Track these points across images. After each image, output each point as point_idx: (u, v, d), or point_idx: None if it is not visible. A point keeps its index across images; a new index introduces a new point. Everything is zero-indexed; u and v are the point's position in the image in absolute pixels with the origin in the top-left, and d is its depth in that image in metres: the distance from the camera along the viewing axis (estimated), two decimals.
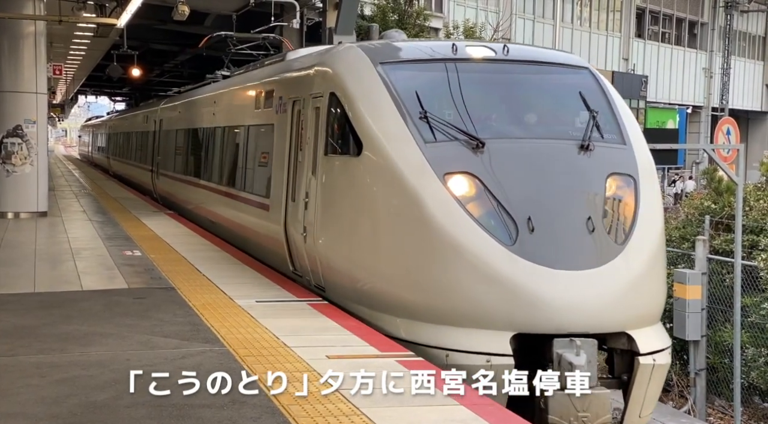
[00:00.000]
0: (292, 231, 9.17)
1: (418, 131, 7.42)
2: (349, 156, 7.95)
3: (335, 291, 8.17)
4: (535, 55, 9.07)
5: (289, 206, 9.37)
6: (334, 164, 8.27)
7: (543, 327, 6.63)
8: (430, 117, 7.51)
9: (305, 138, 9.02)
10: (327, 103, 8.43)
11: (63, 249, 12.31)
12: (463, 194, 7.06)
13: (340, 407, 5.08)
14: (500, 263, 6.72)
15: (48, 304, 8.42)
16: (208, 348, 6.61)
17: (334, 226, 8.18)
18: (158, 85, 42.85)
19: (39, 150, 16.68)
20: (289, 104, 9.72)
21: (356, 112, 7.89)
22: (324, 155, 8.42)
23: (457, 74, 7.97)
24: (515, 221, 6.88)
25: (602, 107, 8.09)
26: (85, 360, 6.29)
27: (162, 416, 4.98)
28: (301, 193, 8.89)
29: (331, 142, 8.34)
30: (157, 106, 21.98)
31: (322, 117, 8.55)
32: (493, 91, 8.25)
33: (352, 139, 7.87)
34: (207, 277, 9.77)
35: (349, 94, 8.06)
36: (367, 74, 8.06)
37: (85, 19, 18.40)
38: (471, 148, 7.32)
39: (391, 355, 6.43)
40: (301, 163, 9.08)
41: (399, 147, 7.41)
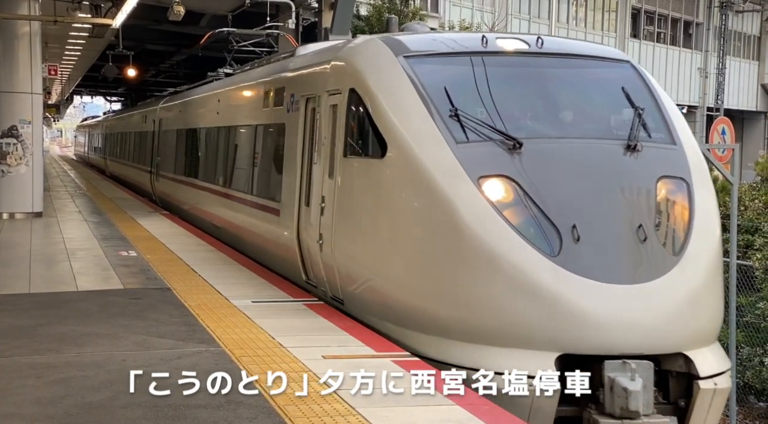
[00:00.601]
0: (305, 238, 8.61)
1: (449, 131, 6.83)
2: (371, 158, 7.38)
3: (356, 304, 7.59)
4: (571, 48, 8.40)
5: (302, 211, 8.82)
6: (355, 166, 7.68)
7: (592, 347, 5.99)
8: (462, 115, 6.91)
9: (320, 138, 8.47)
10: (346, 100, 7.84)
11: (58, 250, 12.30)
12: (500, 200, 6.48)
13: (336, 407, 5.08)
14: (543, 276, 6.10)
15: (43, 304, 8.41)
16: (203, 349, 6.61)
17: (355, 233, 7.60)
18: (154, 86, 42.80)
19: (34, 150, 16.68)
20: (302, 102, 9.18)
21: (379, 109, 7.29)
22: (343, 157, 7.82)
23: (489, 68, 7.37)
24: (558, 230, 6.28)
25: (647, 104, 7.45)
26: (80, 361, 6.28)
27: (158, 417, 4.98)
28: (317, 197, 8.34)
29: (350, 143, 7.76)
30: (156, 106, 21.49)
31: (340, 115, 7.98)
32: (528, 87, 7.62)
33: (374, 139, 7.31)
34: (203, 277, 9.76)
35: (371, 90, 7.46)
36: (390, 68, 7.45)
37: (81, 20, 18.38)
38: (507, 149, 6.71)
39: (387, 355, 6.42)
40: (316, 165, 8.51)
41: (428, 148, 6.82)
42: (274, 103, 10.51)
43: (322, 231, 8.06)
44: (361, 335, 7.04)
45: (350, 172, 7.73)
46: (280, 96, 10.16)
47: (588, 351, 5.99)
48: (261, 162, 11.12)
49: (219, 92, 14.66)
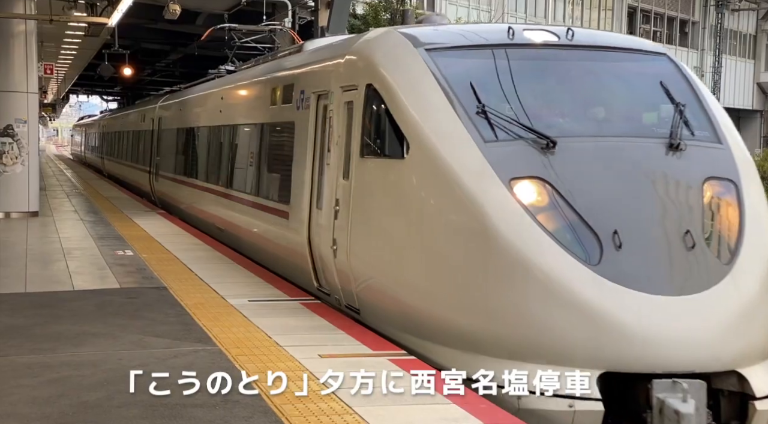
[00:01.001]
0: (318, 243, 8.14)
1: (476, 129, 6.35)
2: (391, 158, 6.91)
3: (374, 314, 7.14)
4: (604, 40, 7.87)
5: (313, 214, 8.37)
6: (373, 167, 7.19)
7: (638, 365, 5.51)
8: (490, 112, 6.44)
9: (334, 137, 7.99)
10: (363, 96, 7.36)
11: (54, 249, 12.28)
12: (534, 203, 5.99)
13: (332, 406, 5.08)
14: (582, 287, 5.62)
15: (39, 304, 8.39)
16: (200, 348, 6.60)
17: (373, 239, 7.07)
18: (150, 85, 42.78)
19: (30, 150, 16.66)
20: (313, 99, 8.69)
21: (400, 106, 6.82)
22: (359, 157, 7.34)
23: (516, 62, 6.95)
24: (598, 236, 5.80)
25: (688, 99, 6.94)
26: (76, 360, 6.27)
27: (154, 416, 4.97)
28: (330, 200, 7.86)
29: (368, 142, 7.28)
30: (155, 104, 20.99)
31: (356, 113, 7.49)
32: (560, 82, 7.13)
33: (395, 138, 6.83)
34: (199, 276, 9.75)
35: (391, 85, 6.98)
36: (411, 62, 6.97)
37: (76, 18, 18.34)
38: (540, 148, 6.24)
39: (383, 354, 6.42)
40: (330, 165, 8.02)
41: (454, 147, 6.34)
42: (282, 101, 10.04)
43: (336, 236, 7.60)
44: (358, 334, 7.04)
45: (367, 174, 7.25)
46: (289, 93, 9.70)
47: (634, 369, 5.52)
48: (268, 162, 10.63)
49: (222, 90, 14.18)
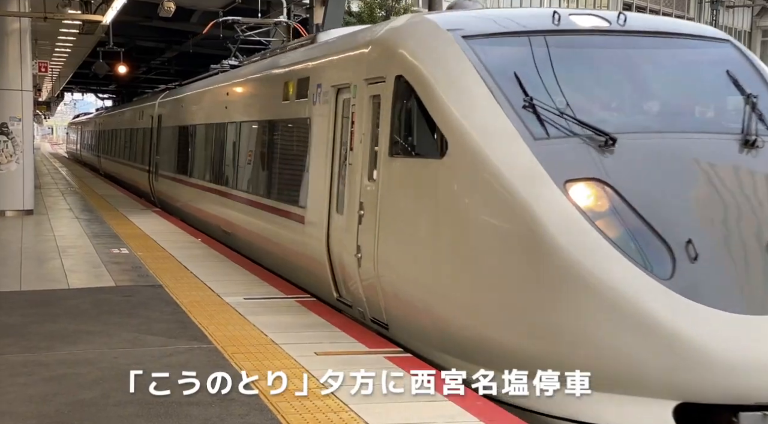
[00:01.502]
0: (338, 250, 7.55)
1: (524, 124, 5.73)
2: (426, 157, 6.27)
3: (406, 330, 6.53)
4: (660, 26, 7.12)
5: (332, 219, 7.77)
6: (405, 168, 6.56)
7: (720, 395, 4.91)
8: (539, 105, 5.81)
9: (357, 134, 7.35)
10: (392, 89, 6.72)
11: (49, 247, 12.26)
12: (593, 208, 5.36)
13: (328, 403, 5.08)
14: (654, 304, 4.98)
15: (34, 302, 8.38)
16: (196, 346, 6.60)
17: (406, 246, 6.43)
18: (145, 82, 42.73)
19: (25, 148, 16.63)
20: (332, 93, 8.05)
21: (436, 100, 6.17)
22: (388, 156, 6.70)
23: (565, 50, 6.37)
24: (669, 246, 5.15)
25: (760, 90, 6.27)
26: (72, 358, 6.27)
27: (150, 414, 4.97)
28: (353, 203, 7.25)
29: (398, 140, 6.64)
30: (154, 101, 20.34)
31: (384, 107, 6.85)
32: (615, 72, 6.53)
33: (431, 135, 6.21)
34: (195, 274, 9.74)
35: (425, 77, 6.32)
36: (447, 51, 6.32)
37: (71, 16, 18.32)
38: (597, 146, 5.60)
39: (379, 351, 6.42)
40: (352, 166, 7.39)
41: (499, 145, 5.71)
42: (296, 96, 9.34)
43: (360, 243, 6.99)
44: (354, 332, 7.04)
45: (398, 175, 6.63)
46: (304, 87, 9.01)
47: (716, 400, 4.91)
48: (280, 161, 9.99)
49: (227, 85, 13.41)
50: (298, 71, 9.51)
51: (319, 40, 10.06)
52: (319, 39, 10.10)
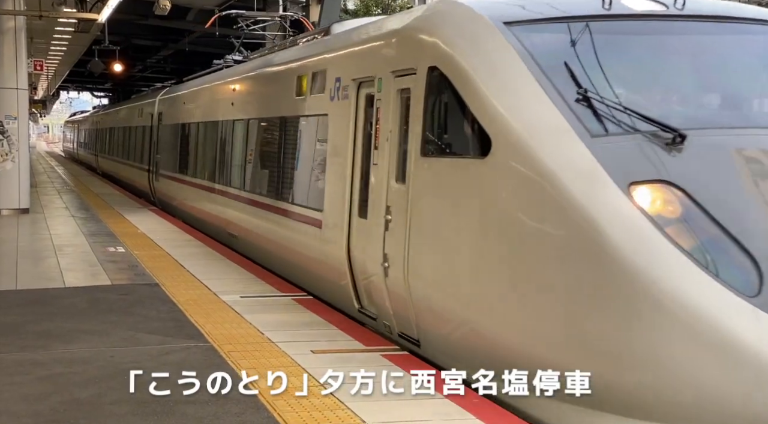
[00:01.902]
0: (361, 258, 7.02)
1: (579, 120, 5.11)
2: (467, 157, 5.70)
3: (440, 349, 5.93)
4: (722, 10, 6.34)
5: (354, 224, 7.24)
6: (440, 169, 5.95)
7: None
8: (594, 99, 5.22)
9: (383, 132, 6.78)
10: (424, 82, 6.11)
11: (45, 246, 12.24)
12: (663, 214, 4.72)
13: (324, 401, 5.07)
14: (739, 325, 4.35)
15: (30, 301, 8.37)
16: (192, 344, 6.59)
17: (443, 256, 5.82)
18: (141, 81, 42.65)
19: (20, 146, 16.61)
20: (353, 88, 7.47)
21: (477, 93, 5.56)
22: (420, 156, 6.11)
23: (620, 37, 5.81)
24: (754, 258, 4.53)
25: None
26: (68, 357, 6.25)
27: (146, 413, 4.96)
28: (378, 207, 6.69)
29: (431, 138, 6.09)
30: (155, 98, 19.70)
31: (415, 102, 6.28)
32: (677, 61, 5.88)
33: (472, 132, 5.65)
34: (191, 273, 9.73)
35: (464, 68, 5.70)
36: (488, 39, 5.73)
37: (66, 14, 18.28)
38: (664, 144, 4.97)
39: (376, 349, 6.42)
40: (377, 166, 6.81)
41: (552, 143, 5.09)
42: (311, 91, 8.75)
43: (388, 251, 6.46)
44: (351, 330, 7.03)
45: (433, 176, 6.02)
46: (320, 81, 8.42)
47: None
48: (293, 161, 9.34)
49: (234, 80, 12.74)
50: (314, 64, 8.87)
51: (333, 31, 9.48)
52: (333, 31, 9.53)
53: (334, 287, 7.68)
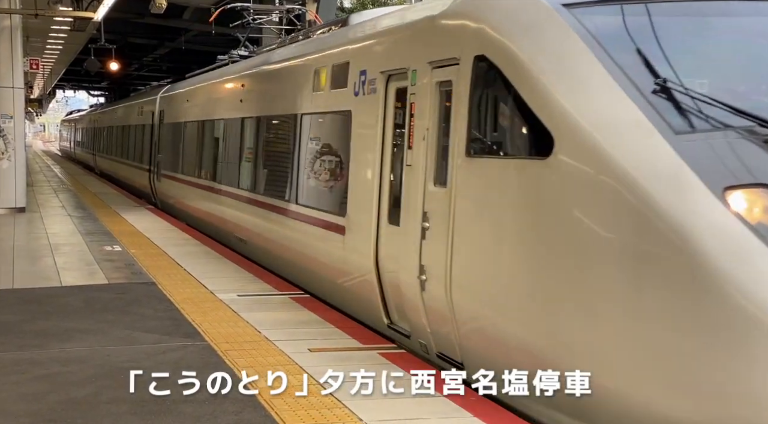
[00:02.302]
0: (392, 268, 6.44)
1: (659, 114, 4.45)
2: (524, 157, 5.06)
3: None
4: None
5: (383, 231, 6.68)
6: (490, 171, 5.31)
7: None
8: (675, 89, 4.56)
9: (418, 130, 6.16)
10: (470, 73, 5.49)
11: (42, 245, 12.22)
12: (766, 223, 4.09)
13: (322, 400, 5.06)
14: None
15: (27, 300, 8.35)
16: (189, 343, 6.58)
17: (495, 269, 5.16)
18: (137, 79, 42.59)
19: (16, 145, 16.59)
20: (381, 81, 6.90)
21: (535, 84, 4.92)
22: (465, 156, 5.46)
23: (699, 20, 5.15)
24: None
25: None
26: (64, 356, 6.24)
27: (143, 412, 4.95)
28: (414, 213, 6.08)
29: (478, 136, 5.48)
30: (155, 96, 19.14)
31: (458, 96, 5.63)
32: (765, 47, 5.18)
33: (530, 129, 5.03)
34: (188, 271, 9.72)
35: (518, 56, 5.07)
36: (545, 23, 5.11)
37: (62, 13, 18.26)
38: (762, 141, 4.34)
39: (373, 347, 6.42)
40: (412, 167, 6.21)
41: (628, 141, 4.43)
42: (331, 85, 8.15)
43: (425, 262, 5.89)
44: (348, 328, 7.03)
45: (481, 179, 5.38)
46: (342, 75, 7.81)
47: None
48: (310, 162, 8.72)
49: (243, 76, 12.09)
50: (334, 56, 8.22)
51: (352, 22, 8.86)
52: (352, 21, 8.90)
53: (359, 299, 7.15)
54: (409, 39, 6.62)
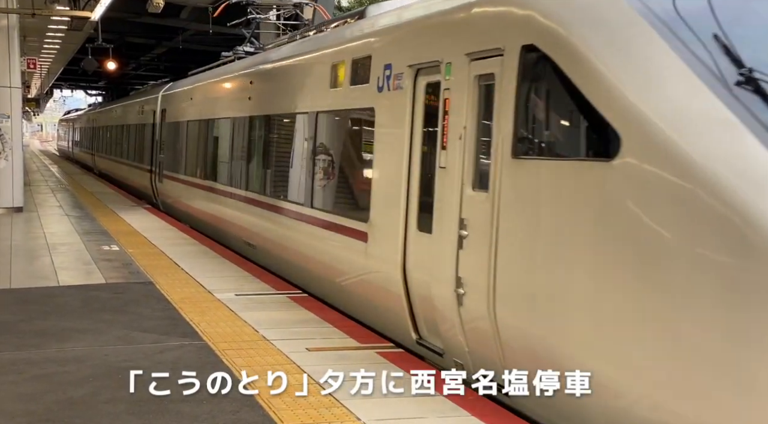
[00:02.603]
0: (423, 279, 5.98)
1: (747, 109, 3.94)
2: (583, 159, 4.53)
3: (544, 402, 4.56)
4: None
5: (411, 238, 6.19)
6: (543, 174, 4.77)
7: None
8: (764, 80, 4.04)
9: (454, 128, 5.64)
10: (517, 65, 4.96)
11: (39, 244, 12.21)
12: None
13: (320, 399, 5.06)
14: None
15: (24, 300, 8.34)
16: (187, 342, 6.57)
17: (552, 284, 4.62)
18: (135, 79, 42.57)
19: (14, 145, 16.58)
20: (409, 76, 6.39)
21: (598, 77, 4.39)
22: (512, 158, 4.94)
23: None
24: None
25: None
26: (62, 356, 6.23)
27: (141, 412, 4.94)
28: (449, 219, 5.58)
29: (527, 136, 4.98)
30: (157, 94, 18.61)
31: (503, 90, 5.10)
32: None
33: (590, 128, 4.54)
34: (186, 271, 9.71)
35: (575, 46, 4.54)
36: (607, 8, 4.62)
37: (59, 12, 18.23)
38: None
39: (370, 347, 6.41)
40: (446, 170, 5.68)
41: (710, 140, 3.92)
42: (350, 80, 7.64)
43: (463, 273, 5.40)
44: (346, 327, 7.03)
45: (531, 183, 4.85)
46: (363, 69, 7.32)
47: None
48: (327, 163, 8.31)
49: (252, 72, 11.51)
50: (354, 50, 7.69)
51: (369, 14, 8.27)
52: (369, 13, 8.31)
53: (383, 311, 6.69)
54: (443, 29, 6.07)
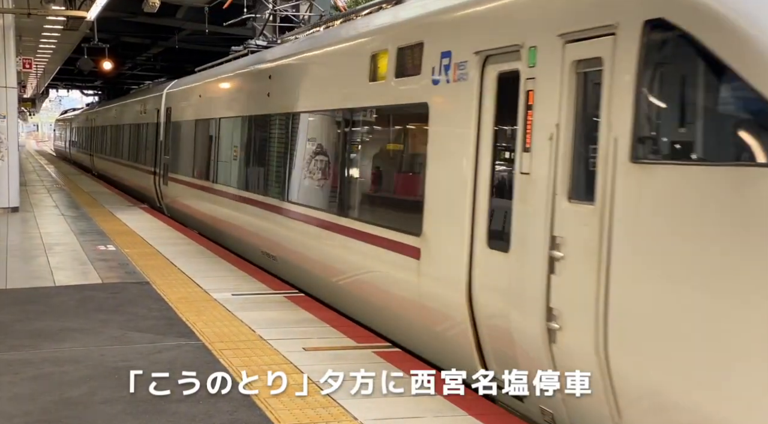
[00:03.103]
0: (496, 308, 5.16)
1: None
2: (743, 165, 3.64)
3: None
4: None
5: (479, 256, 5.38)
6: (679, 183, 3.90)
7: None
8: None
9: (542, 127, 4.80)
10: (638, 46, 4.09)
11: (35, 244, 12.19)
12: None
13: (317, 399, 5.06)
14: None
15: (20, 300, 8.32)
16: (183, 342, 6.56)
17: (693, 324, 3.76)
18: (131, 79, 42.52)
19: (9, 145, 16.55)
20: (474, 65, 5.51)
21: (760, 59, 3.56)
22: (630, 162, 4.11)
23: None
24: None
25: None
26: (58, 356, 6.22)
27: (137, 412, 4.93)
28: (535, 237, 4.78)
29: (653, 135, 4.15)
30: (161, 92, 17.80)
31: (614, 79, 4.25)
32: None
33: (753, 126, 3.69)
34: (182, 271, 9.70)
35: (728, 19, 3.68)
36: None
37: (54, 12, 18.19)
38: None
39: (367, 346, 6.41)
40: (529, 177, 4.88)
41: None
42: (396, 72, 6.70)
43: (557, 303, 4.60)
44: (342, 327, 7.02)
45: (660, 193, 4.00)
46: (412, 59, 6.42)
47: None
48: (368, 167, 7.48)
49: (271, 66, 10.45)
50: (400, 36, 6.74)
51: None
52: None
53: (444, 342, 5.85)
54: (523, 5, 5.23)
